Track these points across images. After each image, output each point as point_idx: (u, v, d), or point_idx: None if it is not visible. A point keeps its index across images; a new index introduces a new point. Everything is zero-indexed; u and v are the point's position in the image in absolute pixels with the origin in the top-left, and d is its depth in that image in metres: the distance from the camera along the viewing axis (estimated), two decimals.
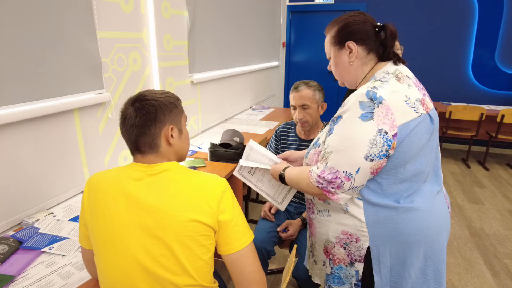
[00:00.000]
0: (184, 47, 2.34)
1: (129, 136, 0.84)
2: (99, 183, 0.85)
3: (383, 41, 0.97)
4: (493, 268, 2.21)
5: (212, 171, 1.78)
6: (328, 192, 0.91)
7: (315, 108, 1.61)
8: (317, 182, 0.92)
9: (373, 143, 0.85)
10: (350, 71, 1.02)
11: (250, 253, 0.86)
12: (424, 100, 0.92)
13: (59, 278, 0.98)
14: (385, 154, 0.86)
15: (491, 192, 3.42)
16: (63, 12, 1.35)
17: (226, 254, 0.85)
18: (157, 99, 0.85)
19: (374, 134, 0.85)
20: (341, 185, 0.89)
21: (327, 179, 0.89)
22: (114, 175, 0.85)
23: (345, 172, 0.87)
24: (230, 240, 0.84)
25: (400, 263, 0.93)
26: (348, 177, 0.88)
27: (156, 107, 0.84)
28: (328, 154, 0.90)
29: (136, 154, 0.87)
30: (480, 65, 4.50)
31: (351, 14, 1.00)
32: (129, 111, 0.84)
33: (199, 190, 0.82)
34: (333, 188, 0.90)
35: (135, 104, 0.84)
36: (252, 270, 0.85)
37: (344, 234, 0.98)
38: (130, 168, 0.85)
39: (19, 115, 1.21)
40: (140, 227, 0.78)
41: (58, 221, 1.28)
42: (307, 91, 1.58)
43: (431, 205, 0.94)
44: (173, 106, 0.88)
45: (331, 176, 0.88)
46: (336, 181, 0.88)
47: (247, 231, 0.87)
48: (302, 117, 1.59)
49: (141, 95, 0.86)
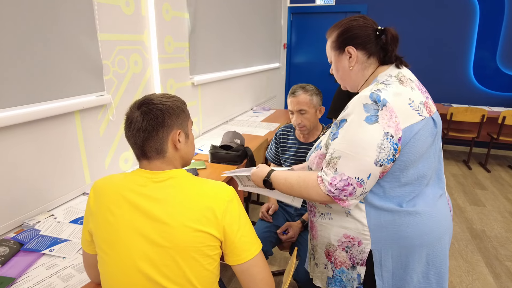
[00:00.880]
0: (185, 49, 2.34)
1: (135, 141, 0.82)
2: (103, 189, 0.84)
3: (384, 45, 0.97)
4: (494, 271, 2.20)
5: (213, 172, 1.78)
6: (339, 200, 0.89)
7: (313, 112, 1.61)
8: (328, 191, 0.89)
9: (381, 147, 0.84)
10: (350, 75, 1.02)
11: (259, 262, 0.84)
12: (428, 103, 0.92)
13: (59, 280, 0.98)
14: (392, 159, 0.86)
15: (492, 194, 3.42)
16: (64, 14, 1.36)
17: (235, 264, 0.83)
18: (165, 103, 0.84)
19: (381, 138, 0.84)
20: (353, 192, 0.87)
21: (339, 187, 0.87)
22: (119, 181, 0.84)
23: (356, 178, 0.86)
24: (237, 252, 0.82)
25: (402, 267, 0.93)
26: (360, 183, 0.86)
27: (164, 111, 0.82)
28: (336, 160, 0.88)
29: (142, 160, 0.85)
30: (481, 67, 4.50)
31: (352, 18, 1.00)
32: (136, 115, 0.82)
33: (205, 200, 0.80)
34: (345, 196, 0.87)
35: (141, 108, 0.82)
36: (263, 277, 0.84)
37: (346, 237, 0.97)
38: (136, 174, 0.84)
39: (20, 118, 1.22)
40: (143, 235, 0.77)
41: (59, 223, 1.28)
42: (304, 96, 1.57)
43: (434, 209, 0.94)
44: (181, 111, 0.87)
45: (343, 184, 0.86)
46: (348, 188, 0.86)
47: (254, 241, 0.85)
48: (299, 122, 1.60)
49: (148, 99, 0.84)
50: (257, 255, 0.84)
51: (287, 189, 1.03)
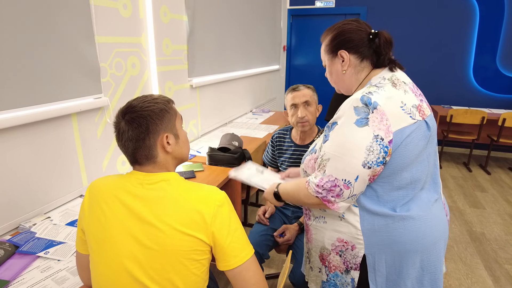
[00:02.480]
0: (183, 52, 2.35)
1: (126, 150, 0.84)
2: (98, 189, 0.85)
3: (377, 49, 0.96)
4: (493, 274, 2.19)
5: (210, 175, 1.78)
6: (328, 202, 0.90)
7: (315, 107, 1.66)
8: (315, 192, 0.90)
9: (370, 150, 0.84)
10: (344, 79, 1.02)
11: (251, 267, 0.83)
12: (421, 106, 0.91)
13: (53, 283, 0.98)
14: (382, 161, 0.86)
15: (492, 196, 3.40)
16: (61, 17, 1.36)
17: (225, 270, 0.83)
18: (146, 108, 0.82)
19: (370, 140, 0.84)
20: (341, 193, 0.88)
21: (326, 187, 0.88)
22: (113, 182, 0.85)
23: (344, 180, 0.86)
24: (227, 257, 0.81)
25: (396, 272, 0.92)
26: (347, 185, 0.86)
27: (147, 117, 0.81)
28: (325, 162, 0.89)
29: (135, 165, 0.87)
30: (481, 69, 4.49)
31: (345, 22, 1.00)
32: (122, 125, 0.82)
33: (194, 203, 0.80)
34: (332, 197, 0.89)
35: (125, 117, 0.82)
36: (255, 282, 0.83)
37: (340, 241, 0.97)
38: (130, 176, 0.85)
39: (17, 120, 1.22)
40: (133, 236, 0.78)
41: (54, 226, 1.28)
42: (307, 90, 1.64)
43: (428, 213, 0.93)
44: (164, 113, 0.85)
45: (329, 184, 0.87)
46: (335, 189, 0.87)
47: (245, 246, 0.84)
48: (304, 115, 1.61)
49: (130, 106, 0.84)
50: (248, 260, 0.83)
51: (289, 197, 1.06)
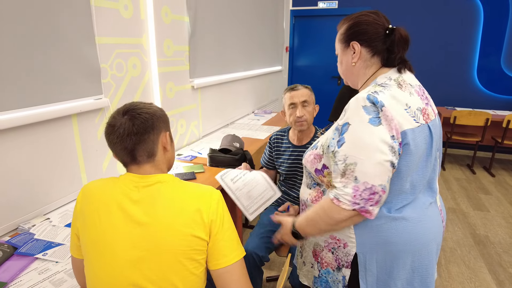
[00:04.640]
0: (184, 52, 2.34)
1: (126, 145, 0.81)
2: (92, 192, 0.84)
3: (390, 46, 0.93)
4: (497, 278, 2.16)
5: (211, 176, 1.77)
6: (365, 212, 0.83)
7: (312, 107, 1.67)
8: (352, 204, 0.81)
9: (392, 149, 0.81)
10: (353, 71, 1.00)
11: (235, 270, 0.82)
12: (426, 110, 0.89)
13: (51, 285, 0.97)
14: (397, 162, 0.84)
15: (496, 198, 3.37)
16: (61, 18, 1.36)
17: (212, 269, 0.83)
18: (150, 108, 0.87)
19: (389, 139, 0.81)
20: (379, 200, 0.82)
21: (364, 196, 0.80)
22: (108, 185, 0.84)
23: (380, 185, 0.81)
24: (216, 256, 0.81)
25: (387, 272, 0.91)
26: (383, 189, 0.81)
27: (152, 114, 0.85)
28: (352, 166, 0.82)
29: (131, 165, 0.85)
30: (485, 70, 4.45)
31: (364, 13, 0.96)
32: (122, 121, 0.81)
33: (193, 203, 0.80)
34: (371, 206, 0.82)
35: (127, 114, 0.83)
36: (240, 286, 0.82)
37: (333, 238, 0.97)
38: (125, 179, 0.84)
39: (17, 121, 1.22)
40: (130, 239, 0.77)
41: (53, 227, 1.28)
42: (305, 90, 1.66)
43: (422, 216, 0.91)
44: (165, 116, 0.91)
45: (368, 193, 0.80)
46: (374, 197, 0.81)
47: (235, 247, 0.84)
48: (302, 114, 1.62)
49: (133, 105, 0.86)
50: (236, 263, 0.82)
51: (315, 228, 0.94)
